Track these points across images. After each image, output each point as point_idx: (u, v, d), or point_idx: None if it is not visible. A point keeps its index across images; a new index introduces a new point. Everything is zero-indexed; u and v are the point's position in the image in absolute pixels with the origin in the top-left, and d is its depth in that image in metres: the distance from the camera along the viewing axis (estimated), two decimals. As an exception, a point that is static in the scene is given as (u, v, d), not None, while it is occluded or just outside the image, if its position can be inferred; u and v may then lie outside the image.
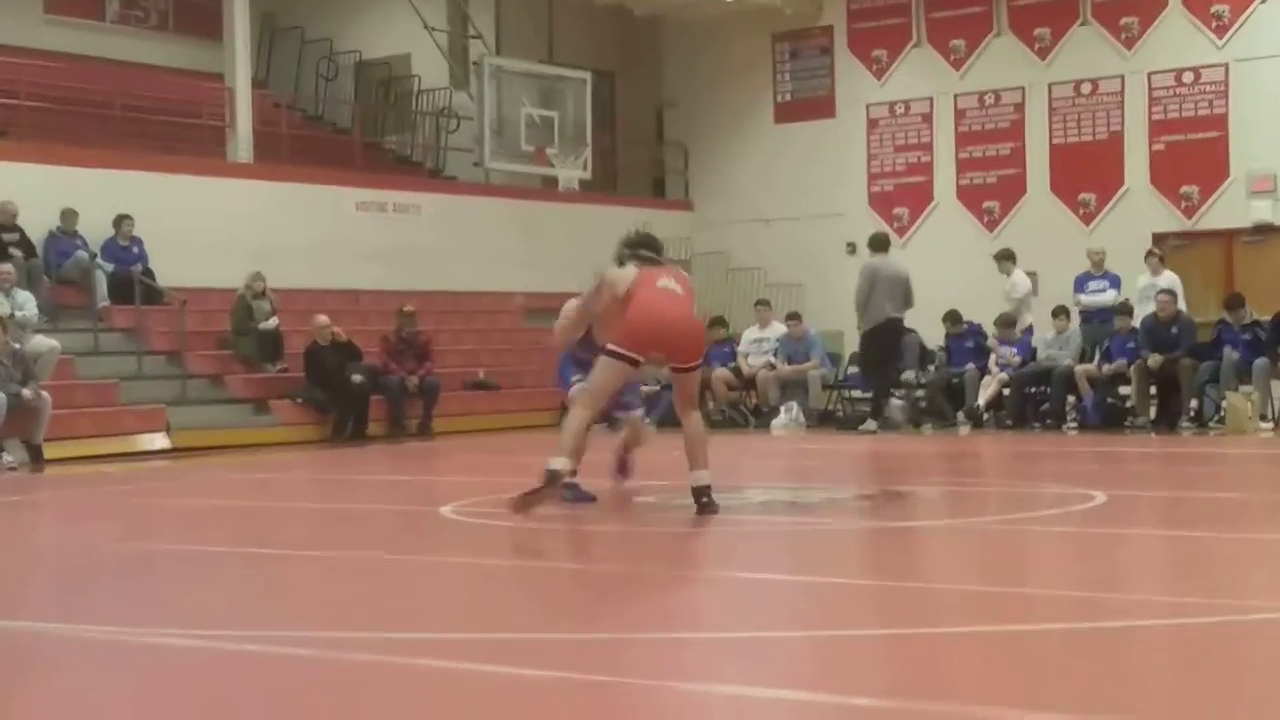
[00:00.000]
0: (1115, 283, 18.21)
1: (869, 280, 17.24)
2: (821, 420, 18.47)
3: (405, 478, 13.60)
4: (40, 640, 5.68)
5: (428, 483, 12.65)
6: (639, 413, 9.52)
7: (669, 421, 9.77)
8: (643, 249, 9.10)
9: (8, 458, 14.20)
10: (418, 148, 24.46)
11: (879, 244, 17.78)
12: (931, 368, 18.26)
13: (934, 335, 18.93)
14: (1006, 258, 18.90)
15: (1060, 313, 17.81)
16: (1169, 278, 17.59)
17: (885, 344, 17.28)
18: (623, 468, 9.67)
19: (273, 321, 18.03)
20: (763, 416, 18.63)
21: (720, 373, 19.07)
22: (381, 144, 24.70)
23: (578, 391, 8.98)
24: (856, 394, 19.08)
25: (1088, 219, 21.50)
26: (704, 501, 8.67)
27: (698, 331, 9.26)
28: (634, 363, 8.72)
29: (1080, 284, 18.40)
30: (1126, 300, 17.56)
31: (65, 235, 17.84)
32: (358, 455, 16.09)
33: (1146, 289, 17.46)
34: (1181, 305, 17.19)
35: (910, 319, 18.19)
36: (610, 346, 8.70)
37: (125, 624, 5.90)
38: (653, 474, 10.31)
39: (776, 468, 13.72)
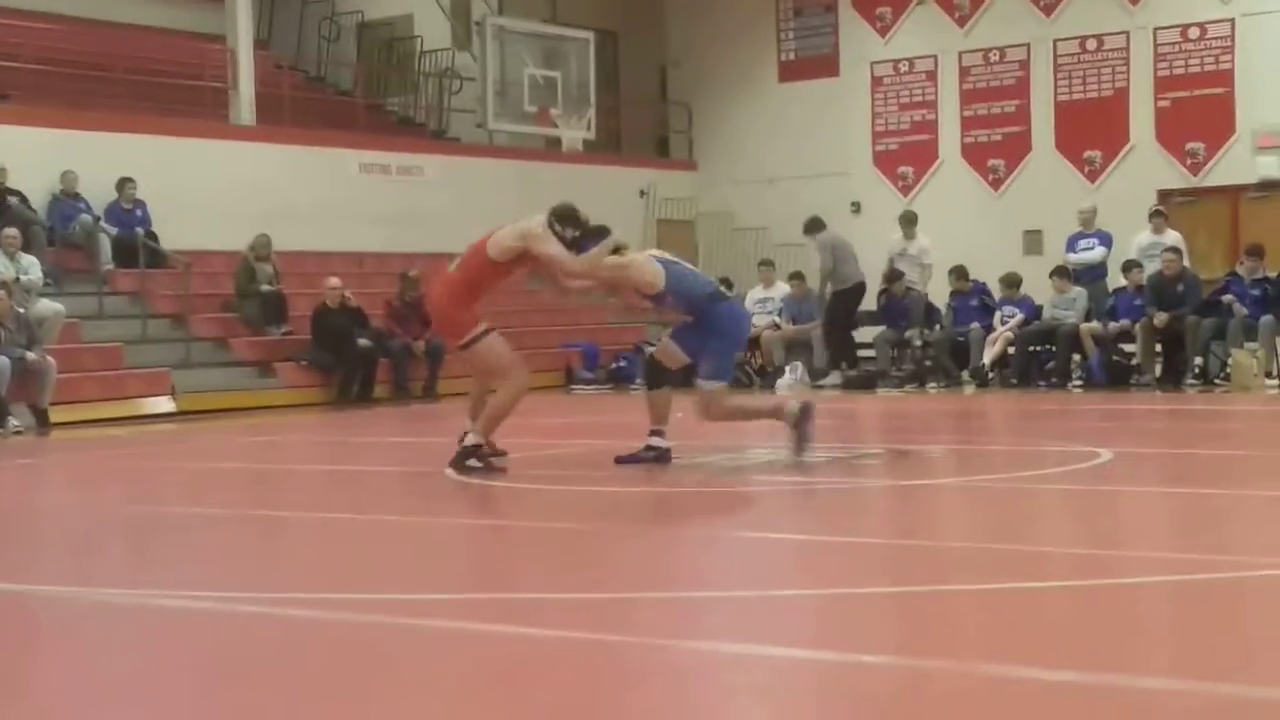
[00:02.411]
0: (1105, 240, 18.15)
1: (830, 250, 18.43)
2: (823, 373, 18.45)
3: (410, 439, 13.62)
4: (52, 603, 5.70)
5: (433, 444, 12.64)
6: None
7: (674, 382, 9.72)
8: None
9: (14, 422, 14.22)
10: (420, 109, 24.42)
11: (818, 224, 18.75)
12: (937, 326, 18.23)
13: (939, 293, 18.91)
14: (913, 222, 19.00)
15: (1061, 271, 17.76)
16: (1173, 237, 17.54)
17: (853, 304, 18.49)
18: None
19: (269, 286, 18.00)
20: (767, 377, 18.63)
21: (725, 333, 19.04)
22: (384, 105, 24.65)
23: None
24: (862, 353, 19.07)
25: (1093, 176, 21.45)
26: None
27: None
28: None
29: (1071, 244, 18.34)
30: (1132, 260, 17.48)
31: (67, 198, 17.83)
32: (363, 417, 16.12)
33: (1150, 248, 17.40)
34: (1185, 264, 17.16)
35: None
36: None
37: (136, 586, 5.92)
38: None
39: (781, 428, 13.70)
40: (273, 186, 19.54)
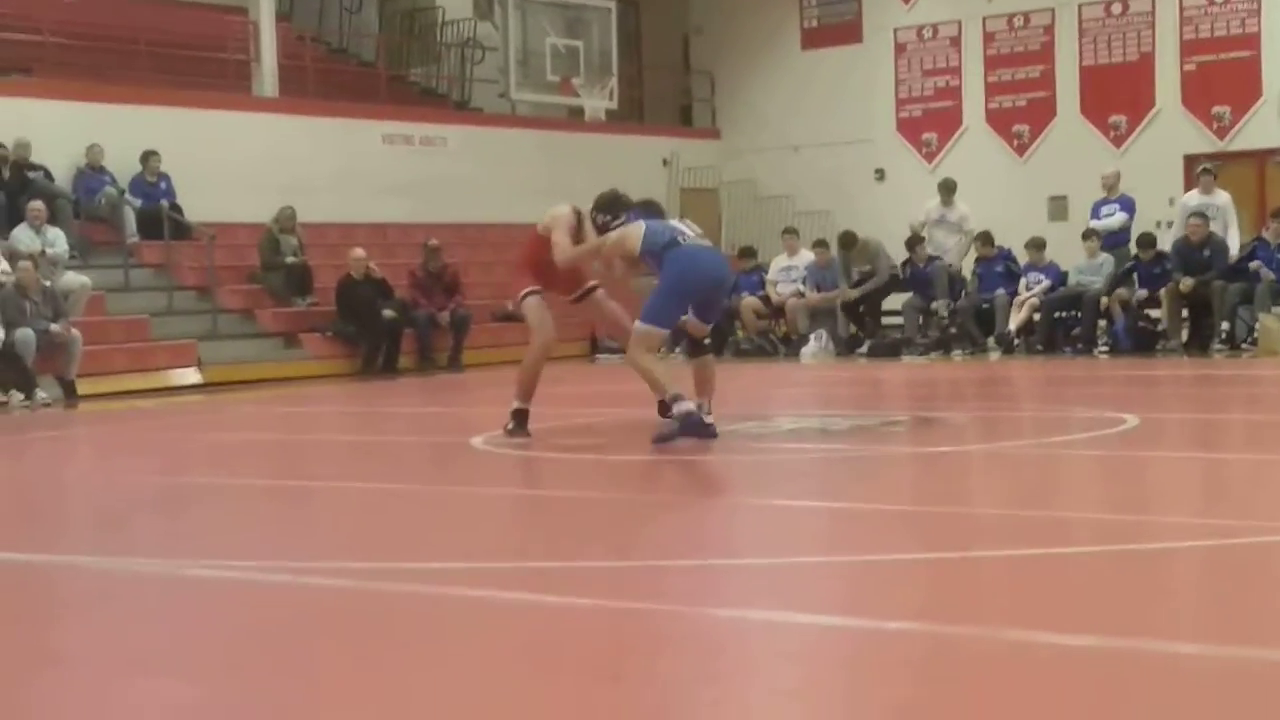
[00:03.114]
0: (1127, 205, 18.05)
1: (881, 256, 18.67)
2: (850, 348, 18.45)
3: (436, 409, 13.67)
4: (82, 574, 5.76)
5: (458, 414, 12.71)
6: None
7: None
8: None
9: (41, 394, 14.31)
10: (443, 80, 24.41)
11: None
12: (963, 294, 18.18)
13: (965, 260, 18.87)
14: (950, 189, 18.89)
15: (1090, 235, 17.69)
16: (1223, 197, 17.32)
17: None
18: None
19: (294, 258, 18.06)
20: (792, 345, 18.63)
21: (749, 301, 19.07)
22: (406, 76, 24.63)
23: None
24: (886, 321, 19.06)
25: (1118, 141, 21.36)
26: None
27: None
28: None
29: (1096, 210, 18.25)
30: (1147, 233, 17.31)
31: (93, 171, 17.89)
32: (388, 388, 16.17)
33: (1200, 208, 17.10)
34: (1234, 231, 17.01)
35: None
36: None
37: (165, 556, 5.97)
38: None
39: (806, 395, 13.73)
40: (296, 158, 19.58)
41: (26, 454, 11.25)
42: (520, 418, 9.42)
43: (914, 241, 18.48)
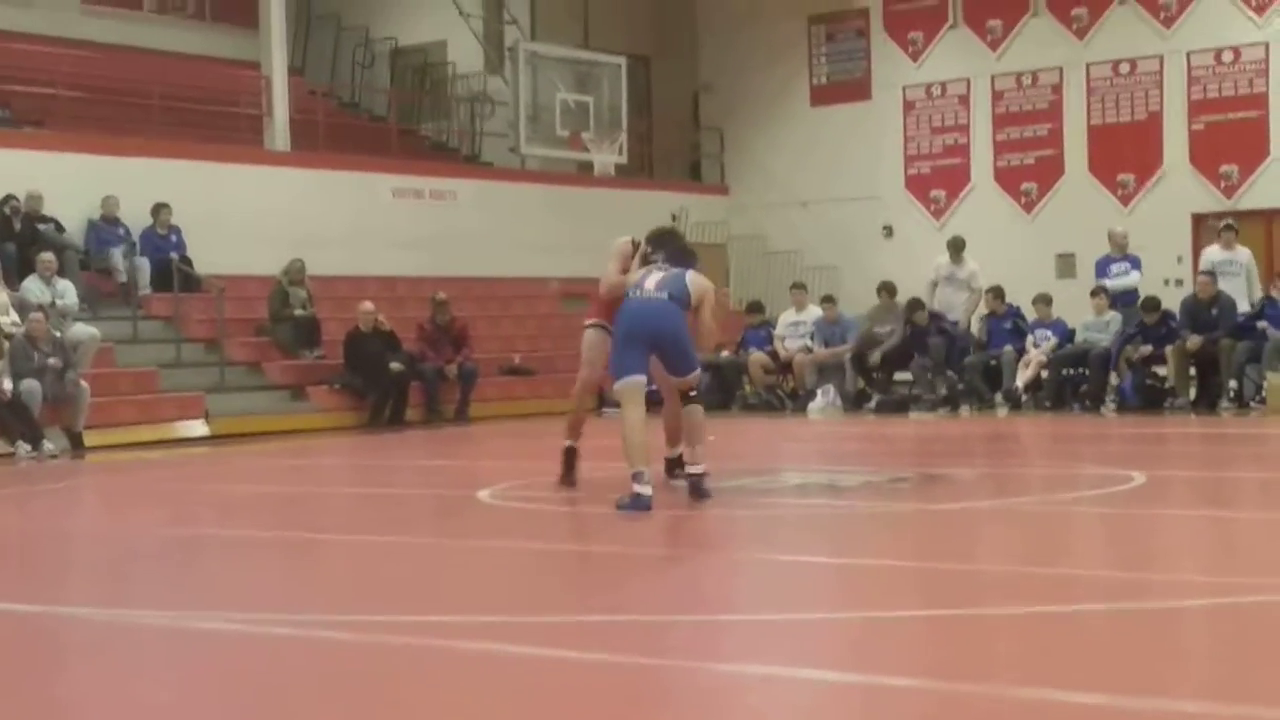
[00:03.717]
0: (1136, 264, 18.07)
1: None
2: (857, 403, 18.42)
3: (443, 462, 13.65)
4: (86, 626, 5.74)
5: (465, 468, 12.69)
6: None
7: (707, 406, 9.71)
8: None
9: (49, 445, 14.30)
10: (453, 134, 24.52)
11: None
12: (969, 350, 18.11)
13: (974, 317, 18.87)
14: (962, 246, 18.83)
15: (1098, 292, 17.69)
16: (1245, 254, 17.37)
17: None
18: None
19: (303, 311, 18.09)
20: (799, 400, 18.60)
21: (757, 356, 19.06)
22: (417, 131, 24.75)
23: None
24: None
25: (1126, 200, 21.39)
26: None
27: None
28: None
29: (1102, 268, 18.21)
30: (1152, 296, 17.30)
31: (107, 223, 17.94)
32: (395, 441, 16.16)
33: (1222, 264, 17.11)
34: (1255, 286, 17.06)
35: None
36: None
37: (170, 608, 5.95)
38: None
39: (814, 451, 13.71)
40: (306, 211, 19.65)
41: (32, 505, 11.23)
42: (567, 458, 9.48)
43: (914, 305, 18.41)
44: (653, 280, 8.88)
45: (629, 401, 8.67)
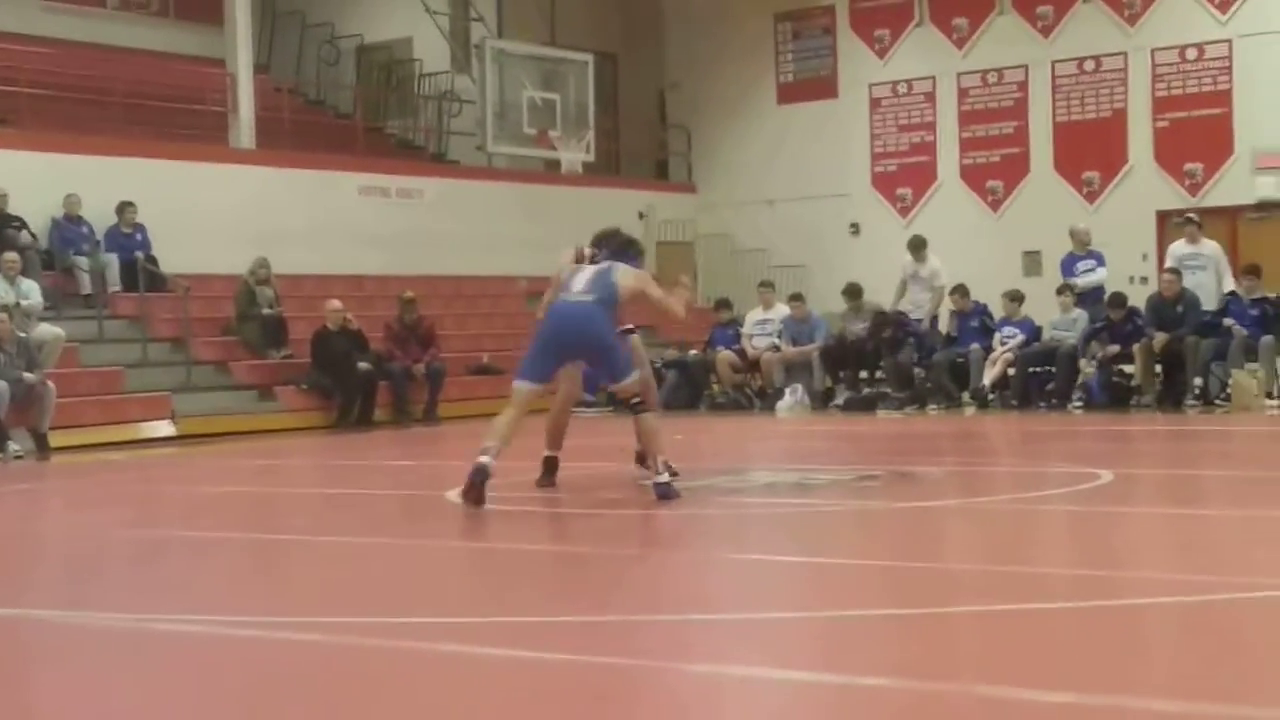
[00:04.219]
0: (1101, 260, 18.15)
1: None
2: (825, 401, 18.45)
3: (410, 463, 13.63)
4: (50, 629, 5.70)
5: (433, 467, 12.67)
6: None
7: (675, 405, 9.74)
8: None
9: (14, 446, 14.22)
10: (420, 132, 24.47)
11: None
12: (935, 348, 18.18)
13: (940, 316, 18.92)
14: (923, 245, 18.84)
15: (1064, 290, 17.76)
16: (1211, 246, 17.48)
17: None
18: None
19: (270, 310, 18.03)
20: (767, 399, 18.63)
21: (725, 355, 19.08)
22: (384, 129, 24.70)
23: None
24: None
25: (1091, 197, 21.50)
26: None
27: None
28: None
29: (1067, 266, 18.27)
30: (1118, 293, 17.38)
31: (70, 222, 17.85)
32: (363, 441, 16.12)
33: (1186, 258, 17.20)
34: (1227, 278, 17.14)
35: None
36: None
37: (135, 611, 5.92)
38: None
39: (782, 449, 13.73)
40: (273, 209, 19.58)
41: (-3, 506, 11.17)
42: (547, 465, 9.51)
43: (881, 323, 18.39)
44: (580, 280, 8.84)
45: (512, 404, 8.68)
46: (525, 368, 8.83)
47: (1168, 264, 17.37)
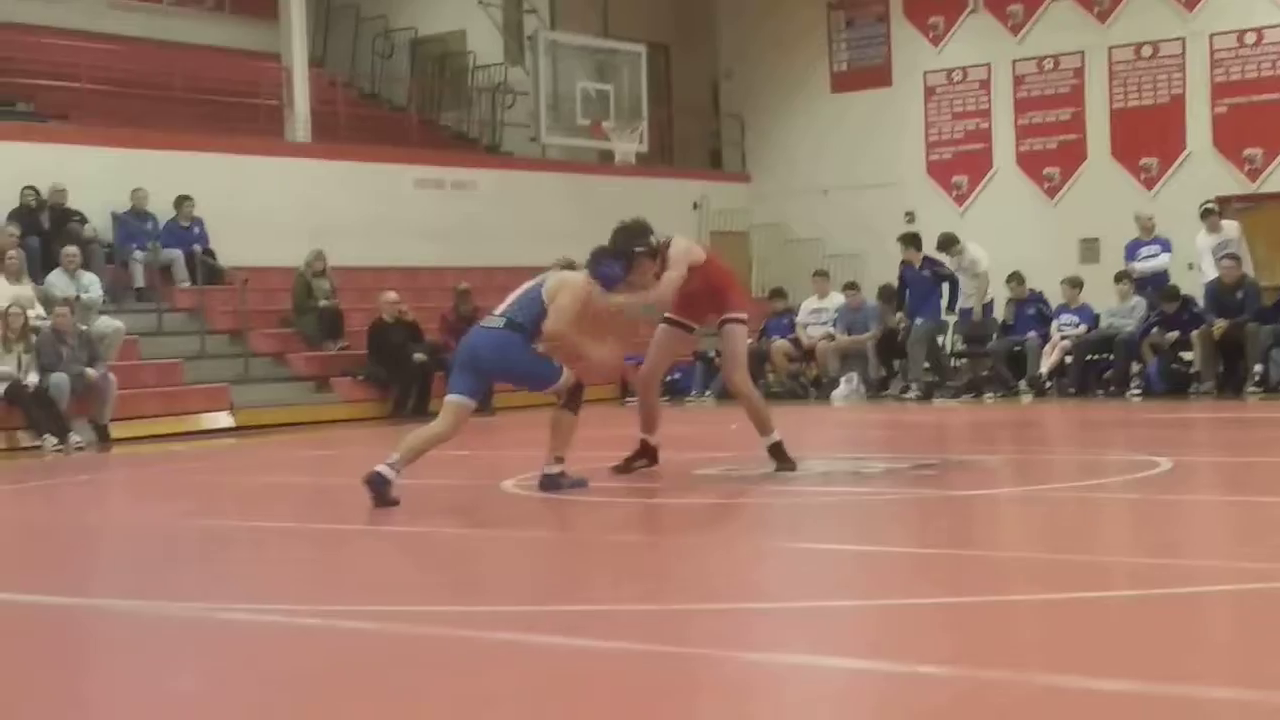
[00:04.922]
0: (1166, 246, 18.00)
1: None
2: (880, 390, 18.39)
3: (466, 453, 13.65)
4: (115, 617, 5.77)
5: (488, 457, 12.70)
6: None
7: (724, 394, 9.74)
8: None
9: (75, 438, 14.39)
10: (474, 124, 24.54)
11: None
12: (993, 336, 18.07)
13: (996, 306, 18.81)
14: (952, 242, 18.50)
15: (1123, 278, 17.64)
16: (1230, 227, 17.32)
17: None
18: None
19: (326, 302, 18.14)
20: (823, 388, 18.59)
21: (780, 344, 19.05)
22: (438, 121, 24.78)
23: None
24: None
25: (1149, 184, 21.31)
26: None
27: None
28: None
29: (1131, 251, 18.15)
30: (1172, 286, 17.22)
31: (136, 217, 17.99)
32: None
33: (1216, 247, 17.08)
34: (1246, 261, 16.97)
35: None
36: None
37: (199, 599, 5.98)
38: (714, 447, 10.28)
39: (838, 438, 13.70)
40: (328, 202, 19.69)
41: (59, 498, 11.30)
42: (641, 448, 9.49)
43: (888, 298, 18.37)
44: (508, 299, 8.92)
45: (442, 416, 8.79)
46: (452, 383, 8.96)
47: (1200, 259, 17.22)
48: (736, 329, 9.41)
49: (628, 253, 9.01)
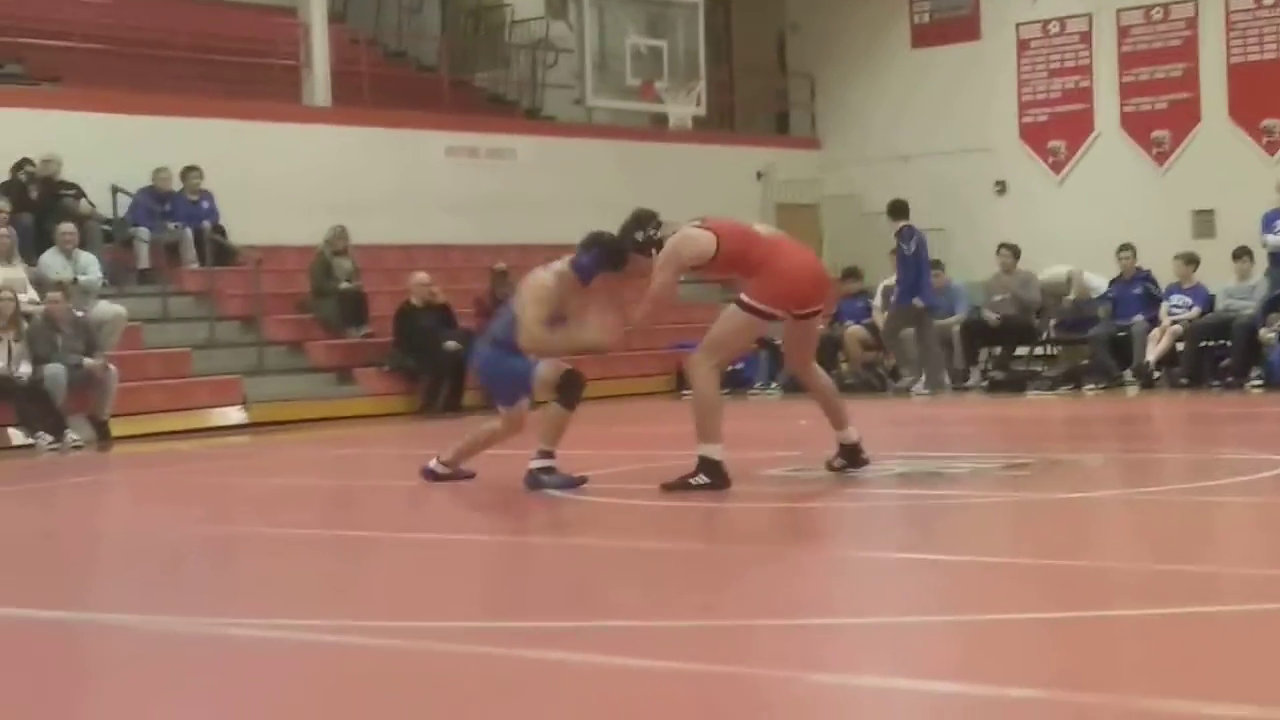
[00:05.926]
0: None
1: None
2: (965, 381, 18.33)
3: (504, 451, 13.69)
4: (114, 633, 5.82)
5: (527, 457, 12.74)
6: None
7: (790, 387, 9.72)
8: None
9: (72, 435, 14.49)
10: (512, 85, 24.58)
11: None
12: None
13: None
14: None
15: (1242, 254, 17.49)
16: None
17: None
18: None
19: (348, 284, 18.22)
20: (901, 379, 18.53)
21: (854, 330, 19.00)
22: (472, 82, 24.83)
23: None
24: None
25: (1272, 148, 21.13)
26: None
27: None
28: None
29: (1269, 222, 17.96)
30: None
31: (155, 199, 18.06)
32: (451, 428, 16.20)
33: None
34: None
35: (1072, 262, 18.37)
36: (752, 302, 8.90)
37: (205, 614, 6.03)
38: (781, 444, 10.27)
39: (918, 435, 13.66)
40: (350, 173, 19.77)
41: (56, 502, 11.40)
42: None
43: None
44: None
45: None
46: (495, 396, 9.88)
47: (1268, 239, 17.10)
48: (734, 312, 9.11)
49: (617, 247, 9.36)
